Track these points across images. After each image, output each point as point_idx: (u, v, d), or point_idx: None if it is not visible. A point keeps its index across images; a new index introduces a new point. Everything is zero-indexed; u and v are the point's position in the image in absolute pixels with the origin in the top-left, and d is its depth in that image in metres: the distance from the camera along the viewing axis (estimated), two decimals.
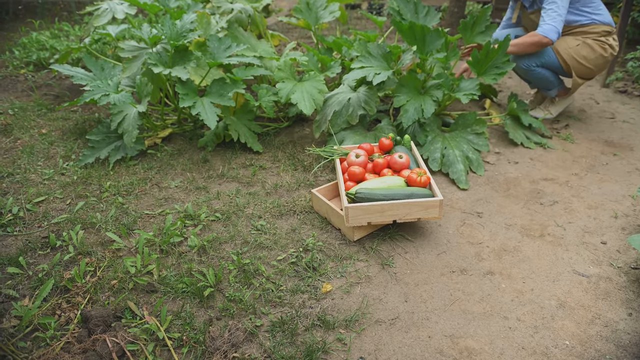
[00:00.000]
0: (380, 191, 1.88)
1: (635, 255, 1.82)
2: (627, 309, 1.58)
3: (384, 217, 1.84)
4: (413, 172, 1.99)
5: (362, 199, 1.86)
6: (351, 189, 1.93)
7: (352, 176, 2.07)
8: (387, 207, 1.82)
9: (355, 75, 2.48)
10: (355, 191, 1.89)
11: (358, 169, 2.06)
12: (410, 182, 1.97)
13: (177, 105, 2.93)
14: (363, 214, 1.82)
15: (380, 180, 1.97)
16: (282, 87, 2.50)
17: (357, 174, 2.05)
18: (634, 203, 2.16)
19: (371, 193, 1.87)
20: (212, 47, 2.59)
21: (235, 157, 2.63)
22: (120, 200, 2.21)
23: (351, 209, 1.80)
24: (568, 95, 3.04)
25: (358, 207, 1.81)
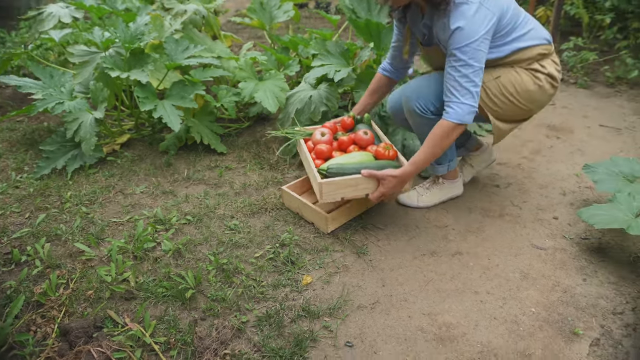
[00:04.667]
0: (351, 165, 1.88)
1: (584, 227, 2.00)
2: (582, 275, 1.74)
3: (358, 190, 1.85)
4: (380, 147, 2.00)
5: (335, 173, 1.85)
6: (322, 165, 1.91)
7: (319, 154, 2.04)
8: (361, 180, 1.83)
9: (316, 73, 2.53)
10: (327, 167, 1.88)
11: (325, 147, 2.04)
12: (379, 156, 1.98)
13: (134, 110, 2.87)
14: (337, 189, 1.83)
15: (349, 155, 1.97)
16: (245, 86, 2.51)
17: (325, 151, 2.03)
18: (578, 180, 2.36)
19: (343, 167, 1.87)
20: (169, 49, 2.56)
21: (200, 159, 2.61)
22: (84, 210, 2.14)
23: (325, 185, 1.80)
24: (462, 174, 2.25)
25: (332, 183, 1.80)
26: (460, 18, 1.62)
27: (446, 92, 1.72)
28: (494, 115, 1.89)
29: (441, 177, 2.18)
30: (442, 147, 1.75)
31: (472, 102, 1.69)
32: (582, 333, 1.49)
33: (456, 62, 1.65)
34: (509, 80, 1.82)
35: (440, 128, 1.73)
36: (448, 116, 1.71)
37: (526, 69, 1.84)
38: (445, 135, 1.73)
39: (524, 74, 1.83)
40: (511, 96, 1.84)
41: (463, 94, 1.68)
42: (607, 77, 3.70)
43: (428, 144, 1.76)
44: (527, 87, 1.83)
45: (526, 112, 1.92)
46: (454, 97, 1.69)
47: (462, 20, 1.61)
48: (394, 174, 1.80)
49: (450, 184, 2.19)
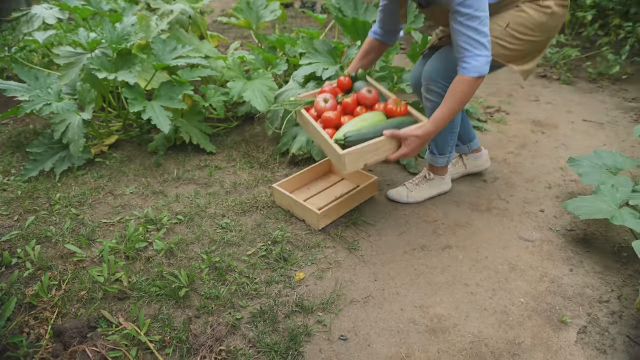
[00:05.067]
0: (368, 129, 1.76)
1: (570, 219, 2.04)
2: (569, 266, 1.78)
3: (379, 154, 1.76)
4: (389, 104, 1.88)
5: (354, 141, 1.73)
6: (337, 135, 1.77)
7: (327, 123, 1.89)
8: (382, 143, 1.74)
9: (304, 71, 2.54)
10: (344, 136, 1.74)
11: (333, 114, 1.88)
12: (391, 114, 1.87)
13: (121, 111, 2.86)
14: (359, 157, 1.73)
15: (360, 118, 1.83)
16: (233, 85, 2.51)
17: (333, 119, 1.88)
18: (563, 174, 2.41)
19: (360, 133, 1.75)
20: (157, 49, 2.55)
21: (189, 159, 2.61)
22: (73, 212, 2.13)
23: (347, 156, 1.69)
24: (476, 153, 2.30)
25: (354, 152, 1.69)
26: None
27: (458, 48, 1.68)
28: (515, 63, 1.86)
29: (431, 172, 2.21)
30: (462, 103, 1.72)
31: (486, 52, 1.66)
32: (569, 321, 1.53)
33: (461, 17, 1.62)
34: (519, 22, 1.78)
35: (460, 84, 1.69)
36: (466, 71, 1.67)
37: (530, 2, 1.78)
38: (466, 90, 1.69)
39: (530, 9, 1.77)
40: (526, 36, 1.80)
41: (476, 47, 1.64)
42: (590, 73, 3.78)
43: (449, 100, 1.72)
44: (539, 21, 1.78)
45: (545, 41, 1.88)
46: (468, 51, 1.65)
47: None
48: (417, 134, 1.74)
49: (440, 180, 2.22)
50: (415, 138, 1.74)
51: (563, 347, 1.45)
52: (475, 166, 2.37)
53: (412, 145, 1.75)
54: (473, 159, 2.36)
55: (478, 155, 2.36)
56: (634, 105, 3.29)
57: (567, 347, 1.44)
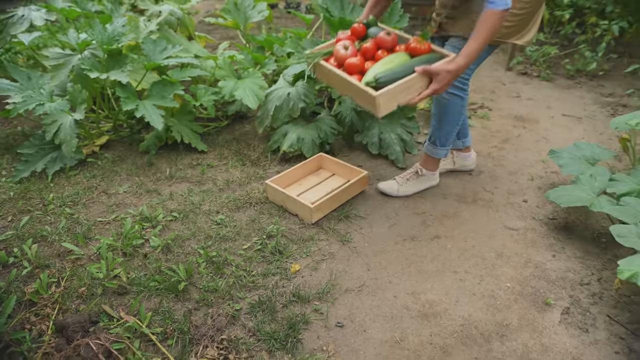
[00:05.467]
0: (396, 69, 1.72)
1: (552, 208, 2.14)
2: (551, 252, 1.87)
3: (411, 92, 1.72)
4: (412, 43, 1.82)
5: (386, 82, 1.67)
6: (367, 78, 1.72)
7: (351, 69, 1.83)
8: (414, 81, 1.70)
9: (294, 70, 2.60)
10: (374, 77, 1.70)
11: (356, 60, 1.82)
12: (415, 52, 1.82)
13: (111, 111, 2.87)
14: (392, 97, 1.68)
15: (385, 61, 1.77)
16: (225, 84, 2.55)
17: (358, 64, 1.82)
18: (544, 166, 2.50)
19: (391, 72, 1.70)
20: (147, 49, 2.58)
21: (181, 158, 2.64)
22: (68, 211, 2.15)
23: (381, 97, 1.64)
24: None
25: (388, 92, 1.65)
26: None
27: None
28: (516, 38, 1.93)
29: (424, 168, 2.27)
30: (492, 35, 1.70)
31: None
32: (553, 303, 1.62)
33: None
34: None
35: (490, 18, 1.67)
36: (494, 5, 1.65)
37: None
38: (495, 23, 1.68)
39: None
40: (520, 10, 1.84)
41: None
42: (568, 70, 3.91)
43: (479, 35, 1.70)
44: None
45: (538, 9, 1.92)
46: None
47: None
48: (448, 69, 1.71)
49: (431, 175, 2.29)
50: (447, 73, 1.71)
51: (548, 327, 1.53)
52: (462, 165, 2.46)
53: (443, 81, 1.72)
54: (462, 159, 2.44)
55: (467, 155, 2.44)
56: (610, 100, 3.42)
57: (551, 327, 1.53)
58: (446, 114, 2.07)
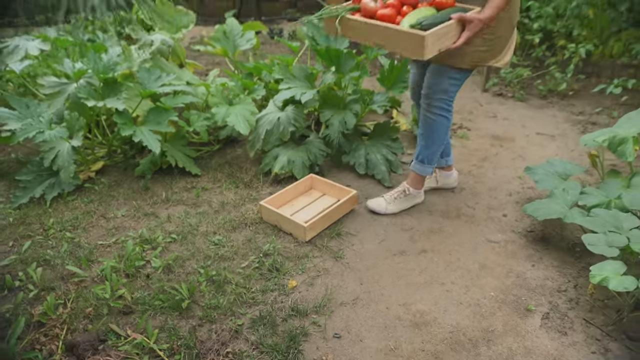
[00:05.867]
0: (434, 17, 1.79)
1: (530, 222, 2.29)
2: (531, 262, 2.01)
3: (448, 39, 1.80)
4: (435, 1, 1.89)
5: (429, 26, 1.74)
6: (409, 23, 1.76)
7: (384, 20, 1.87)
8: (450, 28, 1.77)
9: (284, 95, 2.73)
10: (417, 21, 1.76)
11: (389, 11, 1.87)
12: (441, 6, 1.90)
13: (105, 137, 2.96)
14: (436, 40, 1.75)
15: (416, 12, 1.84)
16: (217, 111, 2.67)
17: (391, 15, 1.87)
18: (521, 182, 2.67)
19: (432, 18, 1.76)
20: (142, 77, 2.69)
21: (176, 182, 2.73)
22: (69, 235, 2.21)
23: (430, 36, 1.70)
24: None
25: (434, 33, 1.71)
26: None
27: None
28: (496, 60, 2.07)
29: (411, 187, 2.39)
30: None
31: None
32: (534, 309, 1.75)
33: None
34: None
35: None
36: None
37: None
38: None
39: None
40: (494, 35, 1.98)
41: None
42: (540, 90, 4.14)
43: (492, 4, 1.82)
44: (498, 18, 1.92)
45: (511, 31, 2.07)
46: None
47: None
48: (480, 17, 1.81)
49: (417, 193, 2.42)
50: (479, 21, 1.81)
51: (530, 331, 1.65)
52: (445, 183, 2.60)
53: (475, 29, 1.82)
54: (445, 177, 2.58)
55: (449, 174, 2.59)
56: (580, 118, 3.64)
57: (533, 331, 1.65)
58: (433, 134, 2.23)
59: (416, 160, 2.36)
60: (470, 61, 2.05)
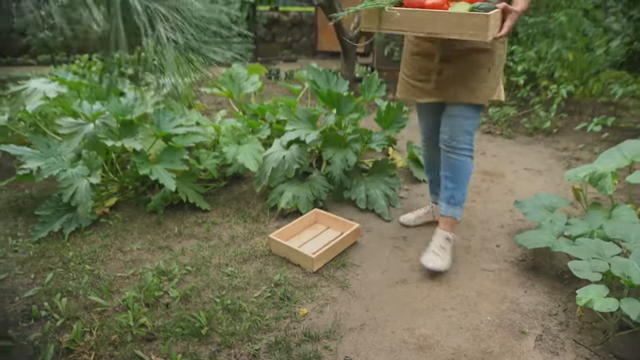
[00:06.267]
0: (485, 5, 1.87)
1: (521, 252, 2.46)
2: (523, 289, 2.17)
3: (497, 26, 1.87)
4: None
5: (485, 9, 1.82)
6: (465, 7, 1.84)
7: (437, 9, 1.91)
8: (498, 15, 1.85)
9: (290, 136, 2.93)
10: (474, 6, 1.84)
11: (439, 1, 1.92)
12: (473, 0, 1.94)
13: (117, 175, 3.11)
14: (494, 23, 1.82)
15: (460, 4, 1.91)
16: (228, 150, 2.86)
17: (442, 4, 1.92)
18: (512, 215, 2.85)
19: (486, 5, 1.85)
20: (157, 119, 2.88)
21: (186, 217, 2.88)
22: (88, 268, 2.33)
23: (492, 17, 1.77)
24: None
25: (493, 15, 1.78)
26: None
27: None
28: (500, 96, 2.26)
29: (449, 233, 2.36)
30: None
31: None
32: (528, 332, 1.89)
33: None
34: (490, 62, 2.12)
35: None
36: None
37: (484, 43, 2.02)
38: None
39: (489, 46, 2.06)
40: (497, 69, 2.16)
41: None
42: (527, 128, 4.40)
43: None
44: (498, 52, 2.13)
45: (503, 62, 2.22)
46: None
47: None
48: (517, 9, 1.90)
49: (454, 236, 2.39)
50: (515, 13, 1.90)
51: (525, 352, 1.79)
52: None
53: (513, 19, 1.90)
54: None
55: None
56: (565, 154, 3.88)
57: (528, 351, 1.79)
58: (462, 175, 2.30)
59: (448, 205, 2.35)
60: (484, 96, 2.17)
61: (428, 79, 2.25)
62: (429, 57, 2.21)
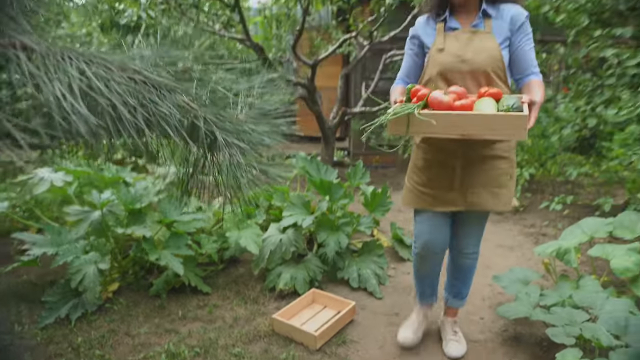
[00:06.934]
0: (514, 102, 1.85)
1: (503, 323, 2.69)
2: (508, 357, 2.38)
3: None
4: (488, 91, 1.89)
5: (518, 109, 1.80)
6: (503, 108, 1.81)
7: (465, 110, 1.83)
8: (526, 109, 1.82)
9: (288, 221, 3.19)
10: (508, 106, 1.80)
11: (467, 101, 1.84)
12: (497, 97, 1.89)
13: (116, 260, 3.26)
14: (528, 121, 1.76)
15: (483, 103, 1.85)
16: (231, 235, 3.08)
17: (470, 105, 1.83)
18: (492, 289, 3.12)
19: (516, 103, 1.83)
20: (164, 207, 3.11)
21: (189, 300, 3.01)
22: (99, 353, 2.42)
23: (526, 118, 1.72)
24: None
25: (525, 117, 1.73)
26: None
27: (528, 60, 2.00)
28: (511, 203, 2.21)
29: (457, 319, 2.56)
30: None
31: None
32: None
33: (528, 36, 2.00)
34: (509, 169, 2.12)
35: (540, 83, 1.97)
36: (538, 77, 2.00)
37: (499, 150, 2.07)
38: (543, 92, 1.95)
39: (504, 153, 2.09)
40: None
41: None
42: None
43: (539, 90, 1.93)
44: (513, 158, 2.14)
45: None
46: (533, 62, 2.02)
47: None
48: (540, 100, 1.86)
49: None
50: (539, 104, 1.86)
51: None
52: None
53: (537, 109, 1.85)
54: None
55: None
56: (532, 230, 4.26)
57: None
58: (470, 272, 2.45)
59: (456, 299, 2.51)
60: (506, 203, 2.14)
61: (449, 186, 2.12)
62: (447, 163, 2.09)
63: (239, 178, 1.15)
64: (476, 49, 1.96)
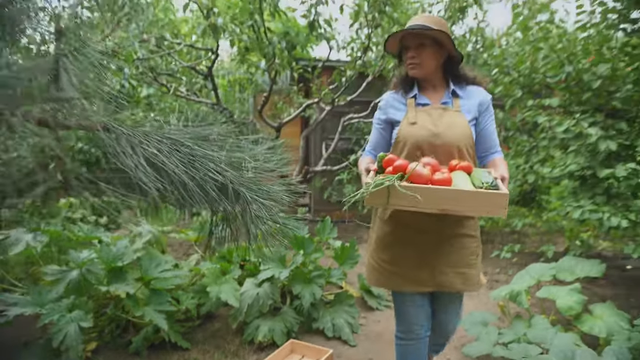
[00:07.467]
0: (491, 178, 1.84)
1: None
2: None
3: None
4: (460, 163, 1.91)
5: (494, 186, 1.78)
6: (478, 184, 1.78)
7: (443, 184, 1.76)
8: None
9: (266, 274, 3.37)
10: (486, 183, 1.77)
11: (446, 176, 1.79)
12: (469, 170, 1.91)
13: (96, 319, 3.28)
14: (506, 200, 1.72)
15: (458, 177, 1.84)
16: (211, 289, 3.21)
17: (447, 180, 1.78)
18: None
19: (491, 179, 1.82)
20: (145, 265, 3.22)
21: (169, 356, 3.07)
22: None
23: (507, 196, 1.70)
24: None
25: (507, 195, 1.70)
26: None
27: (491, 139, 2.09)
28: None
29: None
30: None
31: None
32: None
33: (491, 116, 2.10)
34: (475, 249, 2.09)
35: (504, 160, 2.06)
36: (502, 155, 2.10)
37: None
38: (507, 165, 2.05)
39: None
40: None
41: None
42: None
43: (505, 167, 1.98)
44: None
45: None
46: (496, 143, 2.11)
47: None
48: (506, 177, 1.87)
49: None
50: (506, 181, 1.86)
51: None
52: None
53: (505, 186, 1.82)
54: None
55: None
56: (486, 278, 4.62)
57: None
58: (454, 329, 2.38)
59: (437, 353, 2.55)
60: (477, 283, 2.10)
61: (418, 264, 2.04)
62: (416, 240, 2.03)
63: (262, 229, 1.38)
64: (448, 124, 1.98)
